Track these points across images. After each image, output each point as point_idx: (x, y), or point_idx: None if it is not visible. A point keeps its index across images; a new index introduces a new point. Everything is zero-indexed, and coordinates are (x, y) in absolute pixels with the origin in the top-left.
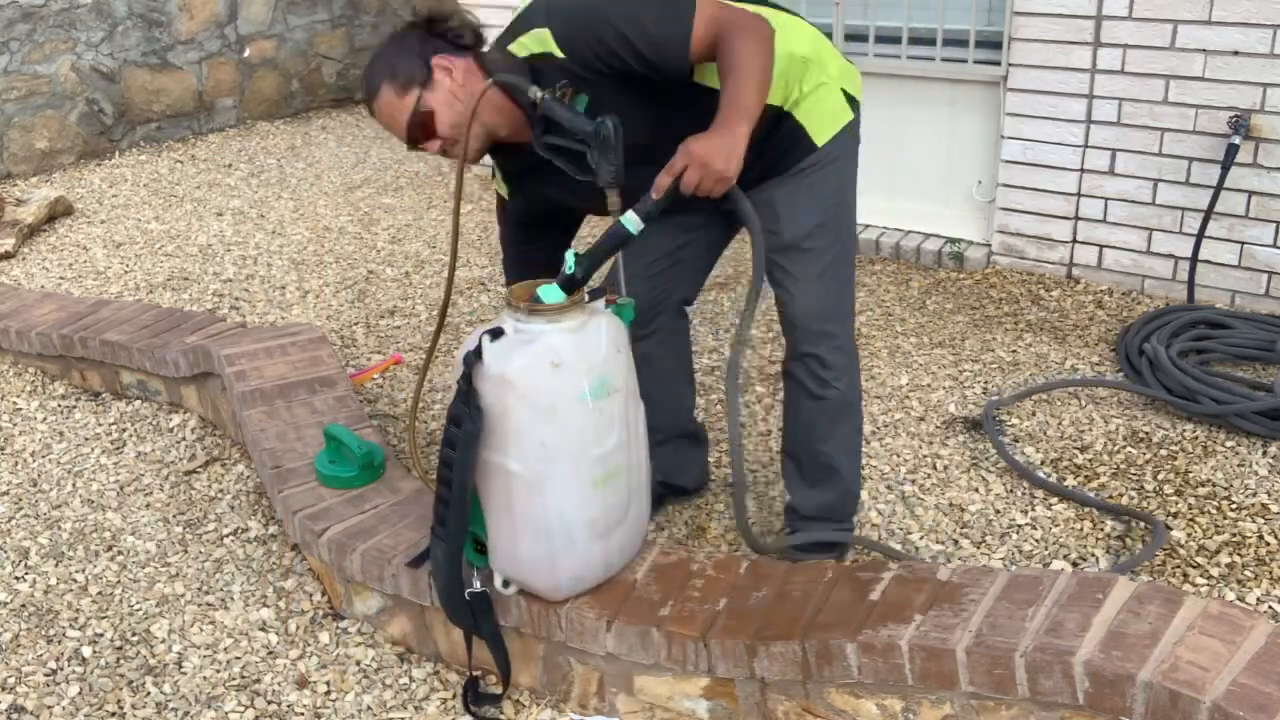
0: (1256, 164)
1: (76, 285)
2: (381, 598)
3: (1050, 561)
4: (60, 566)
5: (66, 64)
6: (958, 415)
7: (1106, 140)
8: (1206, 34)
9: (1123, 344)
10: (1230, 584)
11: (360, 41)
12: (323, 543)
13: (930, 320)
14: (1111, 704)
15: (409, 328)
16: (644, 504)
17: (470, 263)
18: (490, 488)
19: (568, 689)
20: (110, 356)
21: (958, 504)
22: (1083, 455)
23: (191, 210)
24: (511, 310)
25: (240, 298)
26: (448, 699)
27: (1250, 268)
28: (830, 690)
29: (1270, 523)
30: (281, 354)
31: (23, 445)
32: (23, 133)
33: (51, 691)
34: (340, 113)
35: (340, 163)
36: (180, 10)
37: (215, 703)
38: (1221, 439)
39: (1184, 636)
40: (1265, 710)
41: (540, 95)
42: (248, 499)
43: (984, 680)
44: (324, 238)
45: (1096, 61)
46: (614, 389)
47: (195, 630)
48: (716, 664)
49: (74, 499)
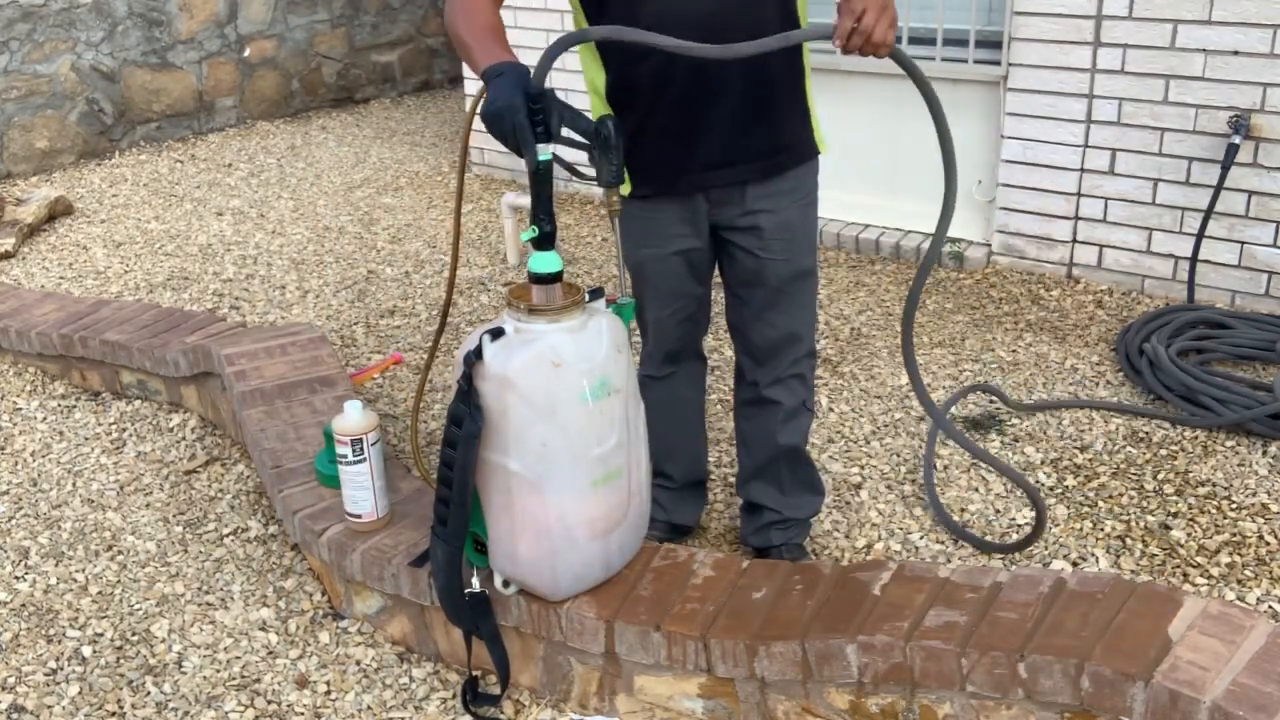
0: (1256, 164)
1: (76, 285)
2: (381, 597)
3: (1050, 561)
4: (60, 566)
5: (66, 64)
6: (958, 415)
7: (1106, 140)
8: (1206, 34)
9: (1123, 344)
10: (1230, 584)
11: (360, 41)
12: (323, 543)
13: (930, 320)
14: (1111, 704)
15: (409, 328)
16: (644, 504)
17: (470, 263)
18: (490, 487)
19: (568, 689)
20: (110, 356)
21: (958, 504)
22: (1083, 455)
23: (191, 210)
24: (512, 310)
25: (240, 297)
26: (448, 699)
27: (1250, 267)
28: (830, 690)
29: (1270, 523)
30: (281, 354)
31: (23, 445)
32: (23, 132)
33: (51, 691)
34: (340, 113)
35: (340, 163)
36: (180, 10)
37: (215, 702)
38: (1221, 439)
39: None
40: (1265, 710)
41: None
42: (248, 499)
43: (984, 680)
44: (324, 237)
45: (1096, 61)
46: (614, 389)
47: (195, 630)
48: (716, 664)
49: (74, 499)
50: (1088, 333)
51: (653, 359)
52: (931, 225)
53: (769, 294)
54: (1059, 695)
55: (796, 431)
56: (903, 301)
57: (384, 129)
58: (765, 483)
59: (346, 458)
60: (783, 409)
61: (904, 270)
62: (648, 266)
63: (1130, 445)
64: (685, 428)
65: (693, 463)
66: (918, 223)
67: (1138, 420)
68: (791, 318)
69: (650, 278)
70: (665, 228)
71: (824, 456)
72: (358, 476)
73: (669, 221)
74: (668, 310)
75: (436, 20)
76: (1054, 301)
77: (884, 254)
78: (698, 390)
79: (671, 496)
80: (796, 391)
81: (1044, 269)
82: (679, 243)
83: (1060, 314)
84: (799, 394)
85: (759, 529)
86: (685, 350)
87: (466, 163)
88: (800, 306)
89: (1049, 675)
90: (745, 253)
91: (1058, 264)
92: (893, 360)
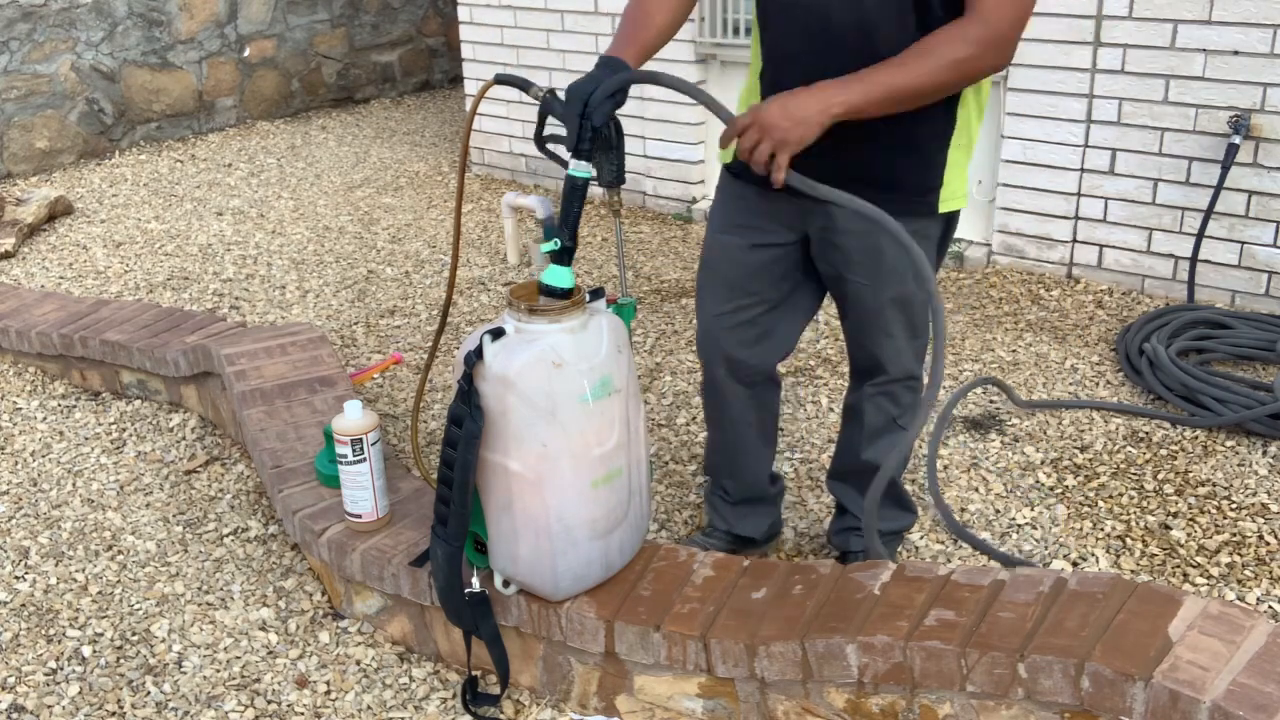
0: (1256, 164)
1: (76, 285)
2: (381, 597)
3: (1050, 561)
4: (60, 566)
5: (66, 63)
6: (958, 415)
7: (1106, 140)
8: (1206, 34)
9: (1123, 344)
10: (1230, 584)
11: (360, 41)
12: (323, 542)
13: None
14: (1111, 704)
15: (409, 327)
16: (644, 504)
17: (470, 262)
18: (491, 487)
19: (568, 689)
20: (110, 356)
21: (958, 504)
22: (1083, 455)
23: (191, 210)
24: (512, 310)
25: (240, 297)
26: (448, 699)
27: (1250, 267)
28: (830, 690)
29: (1270, 522)
30: (281, 353)
31: (23, 445)
32: (23, 132)
33: (51, 691)
34: (340, 112)
35: (340, 162)
36: (180, 10)
37: (215, 702)
38: (1221, 439)
39: (1184, 636)
40: (1265, 710)
41: (542, 93)
42: (248, 499)
43: (984, 680)
44: (324, 237)
45: (1096, 61)
46: (615, 389)
47: (195, 630)
48: (716, 664)
49: (74, 498)
50: (1088, 333)
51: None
52: None
53: (857, 315)
54: (1059, 695)
55: (885, 449)
56: None
57: (384, 129)
58: (852, 487)
59: (346, 458)
60: (867, 424)
61: None
62: (719, 251)
63: (1130, 445)
64: (742, 444)
65: (752, 481)
66: None
67: (1138, 420)
68: (878, 345)
69: (717, 264)
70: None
71: (824, 456)
72: (358, 476)
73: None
74: (729, 306)
75: (437, 20)
76: (1054, 301)
77: None
78: (760, 407)
79: (731, 509)
80: (884, 409)
81: (1044, 269)
82: (758, 235)
83: (1060, 314)
84: (887, 411)
85: (841, 530)
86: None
87: (467, 163)
88: (888, 335)
89: (1049, 675)
90: (829, 267)
91: (1058, 264)
92: None
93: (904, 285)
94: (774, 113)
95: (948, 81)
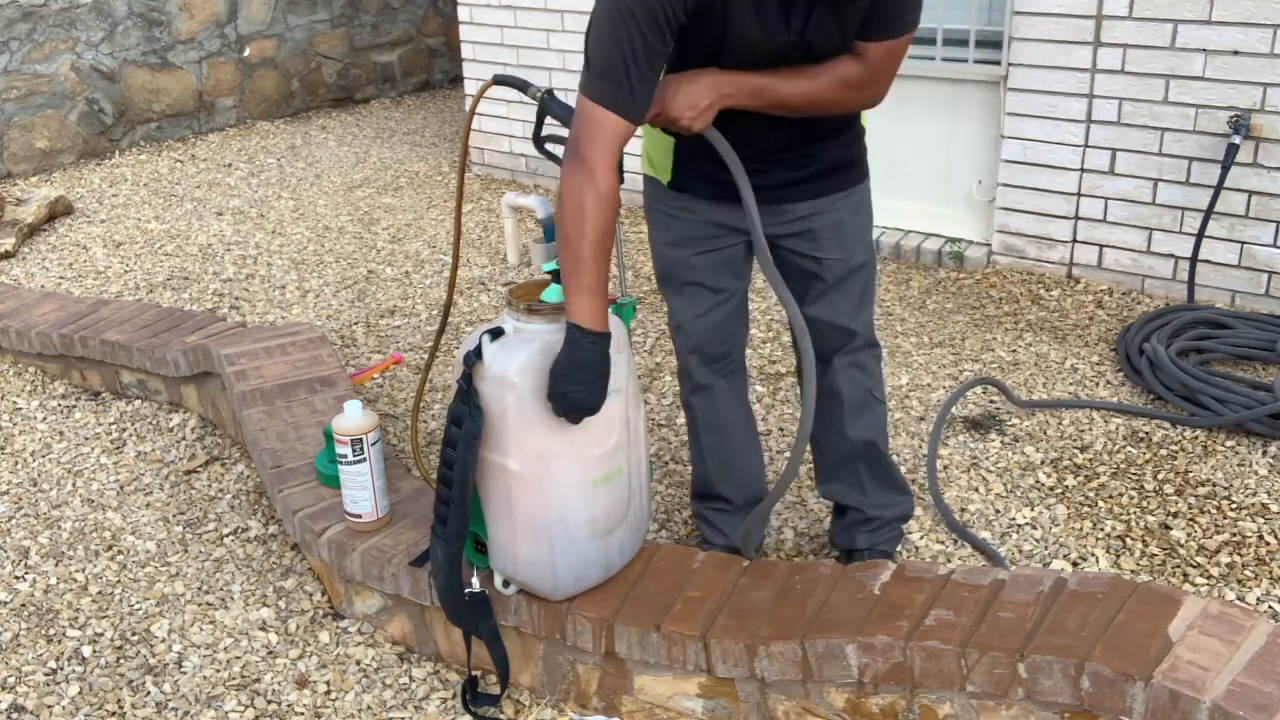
0: (1256, 164)
1: (76, 285)
2: (381, 597)
3: (1050, 561)
4: (60, 566)
5: (66, 63)
6: (958, 415)
7: (1106, 140)
8: (1206, 33)
9: (1122, 344)
10: (1230, 584)
11: (360, 41)
12: (323, 542)
13: (930, 320)
14: (1111, 704)
15: (409, 327)
16: (644, 504)
17: (470, 262)
18: (490, 487)
19: (568, 689)
20: (110, 356)
21: (958, 504)
22: (1083, 455)
23: (191, 210)
24: (511, 310)
25: (240, 297)
26: (448, 699)
27: (1250, 267)
28: (830, 690)
29: (1270, 522)
30: (281, 354)
31: (23, 445)
32: (23, 132)
33: (51, 691)
34: (340, 112)
35: (340, 162)
36: (180, 10)
37: (215, 702)
38: (1221, 439)
39: (1184, 636)
40: (1265, 710)
41: (540, 93)
42: (248, 499)
43: (984, 680)
44: (324, 237)
45: (1096, 61)
46: (614, 389)
47: (195, 630)
48: (716, 664)
49: (74, 498)
50: (1088, 333)
51: (690, 369)
52: (931, 225)
53: (828, 290)
54: (1059, 695)
55: (869, 425)
56: (903, 301)
57: (384, 129)
58: (844, 482)
59: (346, 458)
60: (846, 400)
61: (903, 270)
62: (682, 264)
63: (1130, 445)
64: (735, 443)
65: (750, 482)
66: (918, 222)
67: (1138, 420)
68: (849, 314)
69: (684, 275)
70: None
71: None
72: (358, 476)
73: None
74: (704, 307)
75: (436, 20)
76: (1054, 301)
77: (884, 254)
78: (743, 402)
79: (731, 520)
80: (858, 381)
81: (1044, 269)
82: (717, 241)
83: (1060, 314)
84: (861, 383)
85: (845, 529)
86: (732, 348)
87: (467, 162)
88: (860, 300)
89: (1049, 675)
90: (795, 254)
91: (1058, 264)
92: (892, 360)
93: (868, 250)
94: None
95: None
